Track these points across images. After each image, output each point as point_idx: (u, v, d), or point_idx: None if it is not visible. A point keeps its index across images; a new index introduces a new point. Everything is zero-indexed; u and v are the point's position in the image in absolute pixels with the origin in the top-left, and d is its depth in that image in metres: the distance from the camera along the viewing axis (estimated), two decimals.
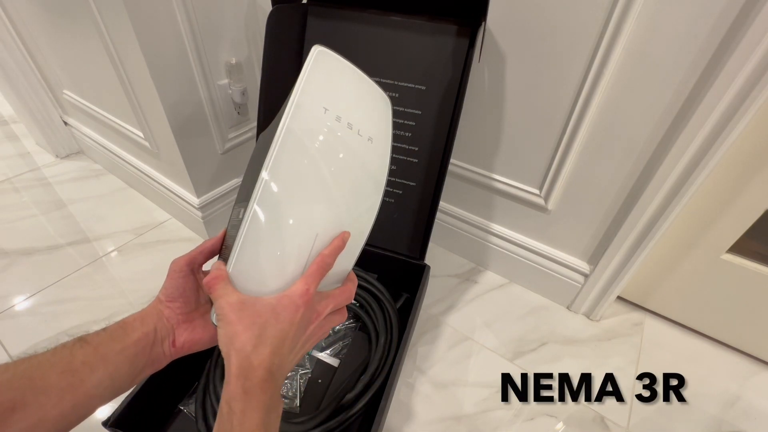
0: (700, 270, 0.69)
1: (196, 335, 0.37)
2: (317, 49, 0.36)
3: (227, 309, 0.30)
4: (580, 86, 0.56)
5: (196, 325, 0.38)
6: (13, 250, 0.87)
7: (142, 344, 0.34)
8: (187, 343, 0.37)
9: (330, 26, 0.62)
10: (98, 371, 0.31)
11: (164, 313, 0.36)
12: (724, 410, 0.64)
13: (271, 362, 0.30)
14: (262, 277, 0.33)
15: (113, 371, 0.32)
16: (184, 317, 0.37)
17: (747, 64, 0.44)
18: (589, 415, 0.62)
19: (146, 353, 0.34)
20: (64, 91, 1.04)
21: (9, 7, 0.93)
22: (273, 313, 0.31)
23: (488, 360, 0.70)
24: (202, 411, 0.55)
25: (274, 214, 0.32)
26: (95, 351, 0.32)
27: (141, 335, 0.34)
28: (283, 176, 0.32)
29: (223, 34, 0.74)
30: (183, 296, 0.37)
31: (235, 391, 0.28)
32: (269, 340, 0.30)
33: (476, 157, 0.74)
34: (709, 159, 0.52)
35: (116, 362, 0.32)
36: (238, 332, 0.29)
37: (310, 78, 0.35)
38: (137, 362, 0.34)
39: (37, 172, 1.12)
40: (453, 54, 0.58)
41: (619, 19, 0.49)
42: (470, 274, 0.87)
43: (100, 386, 0.31)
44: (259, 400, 0.29)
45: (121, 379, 0.33)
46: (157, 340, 0.35)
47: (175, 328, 0.36)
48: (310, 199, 0.34)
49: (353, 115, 0.36)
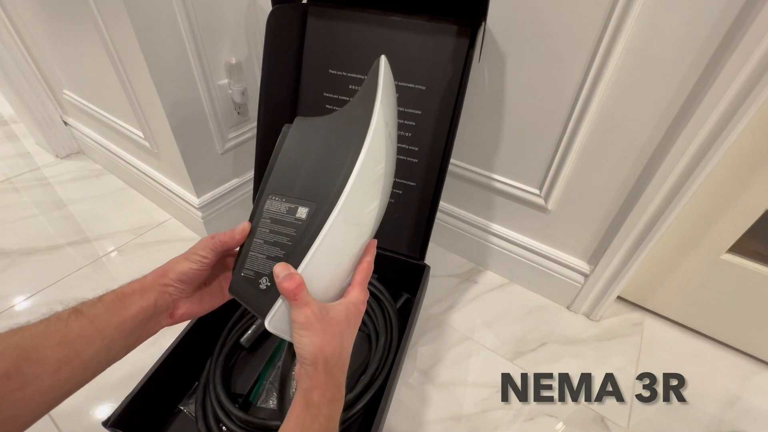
0: (700, 270, 0.69)
1: (195, 308, 0.38)
2: (384, 59, 0.38)
3: (313, 318, 0.31)
4: (580, 86, 0.56)
5: (195, 298, 0.38)
6: (13, 250, 0.87)
7: (140, 318, 0.34)
8: (185, 315, 0.37)
9: (330, 26, 0.62)
10: (95, 344, 0.31)
11: (168, 290, 0.36)
12: (724, 410, 0.64)
13: (346, 367, 0.33)
14: (330, 282, 0.34)
15: (109, 344, 0.32)
16: (189, 292, 0.37)
17: (747, 64, 0.44)
18: (589, 415, 0.62)
19: (143, 326, 0.34)
20: (64, 91, 1.04)
21: (9, 7, 0.93)
22: (347, 322, 0.33)
23: (488, 360, 0.70)
24: (202, 411, 0.55)
25: (353, 218, 0.33)
26: (91, 323, 0.31)
27: (139, 309, 0.34)
28: (364, 180, 0.33)
29: (223, 34, 0.74)
30: (196, 282, 0.37)
31: (326, 397, 0.31)
32: (347, 348, 0.33)
33: (476, 157, 0.74)
34: (709, 159, 0.52)
35: (113, 336, 0.32)
36: (325, 342, 0.31)
37: (384, 88, 0.36)
38: (133, 335, 0.34)
39: (37, 172, 1.12)
40: (453, 54, 0.58)
41: (619, 19, 0.49)
42: (470, 274, 0.87)
43: (96, 358, 0.32)
44: (341, 402, 0.33)
45: (115, 350, 0.33)
46: (155, 314, 0.35)
47: (177, 302, 0.37)
48: (372, 200, 0.35)
49: (391, 119, 0.38)
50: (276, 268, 0.32)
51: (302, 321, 0.31)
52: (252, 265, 0.34)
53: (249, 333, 0.63)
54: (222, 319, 0.64)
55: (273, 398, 0.59)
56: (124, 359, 0.35)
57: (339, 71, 0.63)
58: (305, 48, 0.64)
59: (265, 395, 0.60)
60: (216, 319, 0.62)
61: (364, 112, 0.35)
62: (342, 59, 0.63)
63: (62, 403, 0.31)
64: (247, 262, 0.34)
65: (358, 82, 0.62)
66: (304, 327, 0.31)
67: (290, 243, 0.33)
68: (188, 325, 0.56)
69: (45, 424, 0.57)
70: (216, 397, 0.54)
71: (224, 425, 0.52)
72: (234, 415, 0.53)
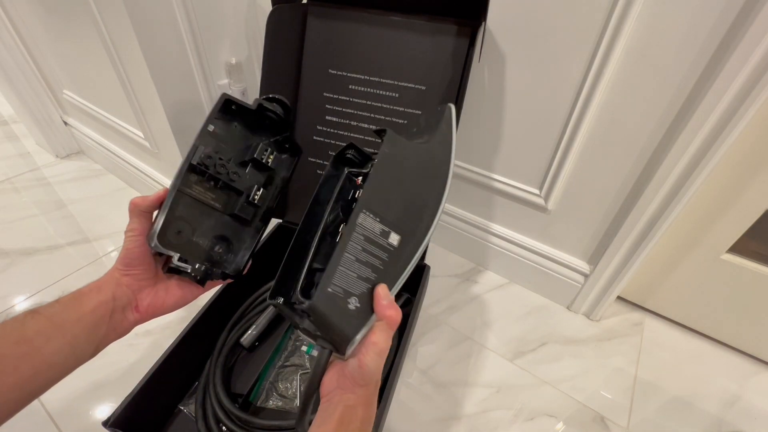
0: (700, 270, 0.69)
1: (159, 299, 0.38)
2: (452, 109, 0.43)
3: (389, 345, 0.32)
4: (580, 86, 0.56)
5: (159, 288, 0.38)
6: (13, 250, 0.87)
7: (100, 312, 0.34)
8: (150, 307, 0.37)
9: (330, 26, 0.62)
10: (55, 340, 0.32)
11: (123, 281, 0.36)
12: (724, 410, 0.64)
13: None
14: None
15: (71, 339, 0.33)
16: (147, 282, 0.37)
17: (747, 64, 0.44)
18: (589, 415, 0.62)
19: (106, 321, 0.35)
20: (64, 91, 1.04)
21: (9, 7, 0.93)
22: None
23: (488, 360, 0.70)
24: (202, 411, 0.55)
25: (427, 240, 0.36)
26: (49, 321, 0.32)
27: (98, 303, 0.34)
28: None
29: (223, 34, 0.74)
30: (143, 263, 0.37)
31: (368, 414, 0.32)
32: None
33: (476, 157, 0.74)
34: (709, 159, 0.52)
35: (74, 331, 0.33)
36: (382, 365, 0.32)
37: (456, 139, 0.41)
38: (97, 330, 0.34)
39: (37, 172, 1.12)
40: (453, 54, 0.58)
41: (619, 20, 0.49)
42: (470, 274, 0.87)
43: (59, 354, 0.32)
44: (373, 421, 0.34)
45: (81, 347, 0.33)
46: (117, 308, 0.36)
47: (137, 294, 0.37)
48: None
49: None
50: (381, 290, 0.32)
51: (384, 348, 0.31)
52: (341, 282, 0.32)
53: (249, 333, 0.63)
54: (222, 319, 0.64)
55: (273, 398, 0.59)
56: (124, 359, 0.35)
57: (339, 71, 0.63)
58: (305, 48, 0.64)
59: (265, 395, 0.60)
60: (216, 319, 0.62)
61: (444, 160, 0.39)
62: (342, 59, 0.63)
63: (62, 403, 0.31)
64: (336, 277, 0.31)
65: (358, 82, 0.62)
66: (383, 353, 0.31)
67: (381, 268, 0.33)
68: (188, 325, 0.56)
69: (45, 424, 0.57)
70: (216, 397, 0.54)
71: (224, 425, 0.52)
72: (234, 415, 0.53)
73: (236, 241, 0.48)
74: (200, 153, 0.42)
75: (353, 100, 0.63)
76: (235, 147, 0.47)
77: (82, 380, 0.61)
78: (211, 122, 0.45)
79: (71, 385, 0.36)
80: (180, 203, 0.41)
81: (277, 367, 0.63)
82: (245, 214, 0.47)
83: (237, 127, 0.48)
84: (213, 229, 0.45)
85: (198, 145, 0.43)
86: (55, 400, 0.59)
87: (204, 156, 0.43)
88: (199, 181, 0.44)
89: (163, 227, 0.38)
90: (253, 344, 0.64)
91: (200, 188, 0.43)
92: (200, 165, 0.42)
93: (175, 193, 0.40)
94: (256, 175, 0.49)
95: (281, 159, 0.52)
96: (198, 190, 0.43)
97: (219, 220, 0.46)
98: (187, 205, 0.42)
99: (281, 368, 0.63)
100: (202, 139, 0.44)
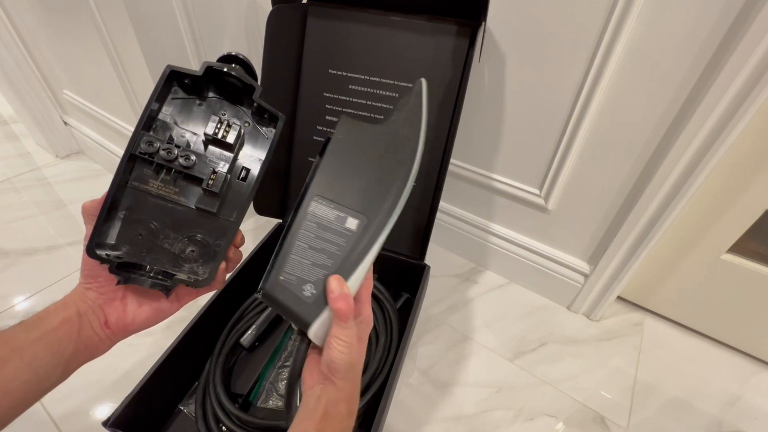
0: (700, 270, 0.69)
1: (129, 314, 0.35)
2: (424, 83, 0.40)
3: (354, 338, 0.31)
4: (580, 86, 0.56)
5: (128, 301, 0.36)
6: (13, 250, 0.87)
7: (64, 330, 0.32)
8: (120, 322, 0.35)
9: (330, 26, 0.62)
10: (12, 362, 0.30)
11: (88, 295, 0.34)
12: (724, 410, 0.64)
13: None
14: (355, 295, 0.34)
15: (31, 361, 0.30)
16: (112, 294, 0.35)
17: (747, 64, 0.44)
18: (589, 415, 0.62)
19: (73, 338, 0.32)
20: (64, 91, 1.04)
21: (9, 7, 0.93)
22: (365, 337, 0.33)
23: (488, 360, 0.70)
24: (202, 411, 0.55)
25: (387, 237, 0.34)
26: (5, 344, 0.30)
27: (60, 321, 0.32)
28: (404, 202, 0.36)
29: (223, 34, 0.74)
30: (101, 275, 0.34)
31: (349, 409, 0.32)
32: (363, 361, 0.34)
33: (476, 157, 0.74)
34: (709, 159, 0.52)
35: (33, 351, 0.31)
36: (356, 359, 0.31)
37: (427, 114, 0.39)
38: (62, 349, 0.32)
39: (37, 172, 1.12)
40: (453, 54, 0.58)
41: (619, 20, 0.49)
42: (470, 274, 0.87)
43: (17, 379, 0.30)
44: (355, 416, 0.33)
45: (43, 369, 0.31)
46: (84, 324, 0.33)
47: (104, 308, 0.34)
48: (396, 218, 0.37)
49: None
50: (332, 282, 0.31)
51: (347, 341, 0.30)
52: (293, 270, 0.32)
53: (249, 333, 0.63)
54: (222, 319, 0.64)
55: (273, 398, 0.59)
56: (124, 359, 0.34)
57: (339, 71, 0.63)
58: (305, 48, 0.64)
59: (265, 395, 0.60)
60: (216, 319, 0.62)
61: (411, 135, 0.37)
62: (342, 59, 0.63)
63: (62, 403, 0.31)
64: (287, 265, 0.32)
65: (358, 82, 0.63)
66: (347, 346, 0.30)
67: (339, 253, 0.32)
68: (188, 325, 0.56)
69: (45, 424, 0.57)
70: (216, 397, 0.54)
71: (224, 425, 0.52)
72: (234, 415, 0.53)
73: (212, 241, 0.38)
74: (143, 140, 0.35)
75: (353, 100, 0.63)
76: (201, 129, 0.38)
77: (82, 380, 0.61)
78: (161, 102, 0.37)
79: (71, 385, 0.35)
80: (133, 202, 0.35)
81: (276, 367, 0.63)
82: (207, 206, 0.37)
83: (199, 105, 0.39)
84: (182, 229, 0.37)
85: (141, 132, 0.35)
86: (55, 401, 0.59)
87: (145, 142, 0.35)
88: (155, 174, 0.37)
89: (94, 232, 0.33)
90: (252, 344, 0.64)
91: (157, 182, 0.37)
92: (142, 154, 0.35)
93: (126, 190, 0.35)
94: (222, 158, 0.38)
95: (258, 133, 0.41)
96: (156, 185, 0.36)
97: (186, 217, 0.38)
98: (143, 204, 0.36)
99: (281, 368, 0.63)
100: (149, 123, 0.36)
